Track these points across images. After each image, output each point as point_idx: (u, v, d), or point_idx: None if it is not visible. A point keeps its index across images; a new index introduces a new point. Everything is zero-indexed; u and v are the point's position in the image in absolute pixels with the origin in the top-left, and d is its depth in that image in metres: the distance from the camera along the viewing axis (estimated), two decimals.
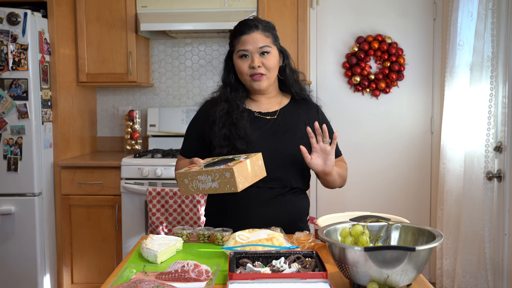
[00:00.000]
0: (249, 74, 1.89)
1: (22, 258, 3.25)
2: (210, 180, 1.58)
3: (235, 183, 1.54)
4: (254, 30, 1.89)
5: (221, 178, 1.56)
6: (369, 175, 3.86)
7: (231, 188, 1.55)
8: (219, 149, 1.88)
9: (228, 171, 1.54)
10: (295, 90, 1.99)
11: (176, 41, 3.97)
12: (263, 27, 1.91)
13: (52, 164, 3.41)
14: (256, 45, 1.88)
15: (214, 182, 1.57)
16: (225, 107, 1.92)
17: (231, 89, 1.95)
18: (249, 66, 1.88)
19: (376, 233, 1.45)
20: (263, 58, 1.88)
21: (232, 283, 1.25)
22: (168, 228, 3.17)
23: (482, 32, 2.75)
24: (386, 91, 3.81)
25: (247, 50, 1.88)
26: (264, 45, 1.88)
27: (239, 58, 1.90)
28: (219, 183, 1.57)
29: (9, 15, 3.13)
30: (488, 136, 2.73)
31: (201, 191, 1.61)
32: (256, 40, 1.88)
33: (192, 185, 1.62)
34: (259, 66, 1.87)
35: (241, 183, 1.55)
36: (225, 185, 1.56)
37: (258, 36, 1.89)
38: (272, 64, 1.90)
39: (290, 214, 1.91)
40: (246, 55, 1.89)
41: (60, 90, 3.44)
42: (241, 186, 1.56)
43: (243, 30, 1.90)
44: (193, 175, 1.61)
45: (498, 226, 2.72)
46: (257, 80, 1.89)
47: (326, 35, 3.85)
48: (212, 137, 1.90)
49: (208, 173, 1.58)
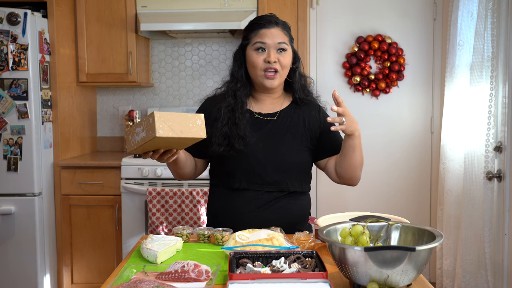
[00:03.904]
0: (263, 69, 1.85)
1: (22, 258, 3.25)
2: (142, 130, 1.55)
3: (155, 127, 1.48)
4: (274, 26, 1.87)
5: (148, 126, 1.52)
6: (369, 175, 3.85)
7: (152, 134, 1.49)
8: (216, 147, 1.86)
9: (151, 116, 1.49)
10: (299, 96, 1.95)
11: (176, 41, 3.97)
12: (282, 25, 1.90)
13: (52, 164, 3.41)
14: (275, 40, 1.85)
15: (144, 132, 1.54)
16: (231, 103, 1.89)
17: (241, 85, 1.91)
18: (264, 60, 1.84)
19: (376, 233, 1.45)
20: (280, 55, 1.85)
21: (232, 283, 1.25)
22: (168, 228, 3.17)
23: (482, 32, 2.75)
24: (386, 91, 3.81)
25: (265, 43, 1.85)
26: (283, 42, 1.86)
27: (255, 51, 1.86)
28: (146, 131, 1.52)
29: (9, 15, 3.13)
30: (488, 136, 2.73)
31: (136, 144, 1.58)
32: (276, 35, 1.86)
33: (132, 140, 1.60)
34: (274, 62, 1.84)
35: (162, 129, 1.49)
36: (149, 132, 1.51)
37: (277, 32, 1.87)
38: (287, 63, 1.87)
39: (289, 216, 1.90)
40: (263, 48, 1.85)
41: (60, 90, 3.44)
42: (161, 132, 1.48)
43: (263, 24, 1.87)
44: (132, 129, 1.60)
45: (498, 226, 2.72)
46: (270, 78, 1.85)
47: (326, 35, 3.85)
48: (213, 134, 1.88)
49: (141, 124, 1.56)
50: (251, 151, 1.86)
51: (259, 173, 1.86)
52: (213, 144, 1.87)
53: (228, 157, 1.87)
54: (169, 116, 1.51)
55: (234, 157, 1.86)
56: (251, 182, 1.87)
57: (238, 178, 1.88)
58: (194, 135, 1.56)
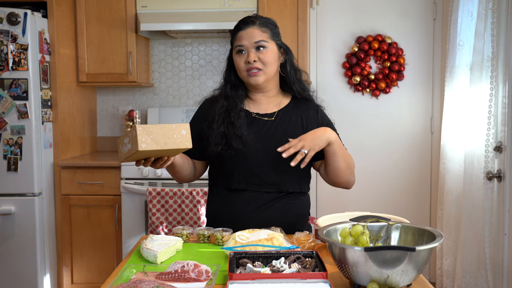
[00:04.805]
0: (246, 70, 1.87)
1: (22, 258, 3.25)
2: (128, 142, 1.55)
3: (137, 141, 1.49)
4: (250, 26, 1.88)
5: (132, 138, 1.52)
6: (369, 175, 3.86)
7: (136, 147, 1.50)
8: (214, 147, 1.87)
9: (135, 129, 1.50)
10: (296, 89, 1.95)
11: (176, 41, 3.97)
12: (261, 22, 1.90)
13: (52, 164, 3.41)
14: (251, 40, 1.86)
15: (129, 144, 1.54)
16: (224, 104, 1.91)
17: (231, 87, 1.94)
18: (245, 62, 1.87)
19: (376, 233, 1.45)
20: (259, 53, 1.86)
21: (232, 283, 1.25)
22: (168, 228, 3.17)
23: (482, 32, 2.75)
24: (386, 91, 3.81)
25: (243, 46, 1.87)
26: (260, 40, 1.86)
27: (236, 54, 1.89)
28: (131, 143, 1.53)
29: (9, 15, 3.13)
30: (488, 136, 2.73)
31: (125, 154, 1.59)
32: (252, 35, 1.87)
33: (122, 150, 1.60)
34: (254, 61, 1.85)
35: (145, 142, 1.49)
36: (133, 145, 1.52)
37: (254, 31, 1.87)
38: (269, 59, 1.87)
39: (289, 217, 1.89)
40: (242, 50, 1.87)
41: (60, 90, 3.44)
42: (144, 146, 1.49)
43: (240, 27, 1.90)
44: (121, 139, 1.60)
45: (498, 226, 2.72)
46: (253, 75, 1.87)
47: (326, 35, 3.85)
48: (210, 134, 1.89)
49: (127, 135, 1.56)
50: (249, 152, 1.86)
51: (257, 174, 1.86)
52: (211, 144, 1.88)
53: (227, 158, 1.87)
54: (152, 129, 1.52)
55: (233, 158, 1.86)
56: (249, 183, 1.87)
57: (236, 178, 1.88)
58: (179, 146, 1.56)
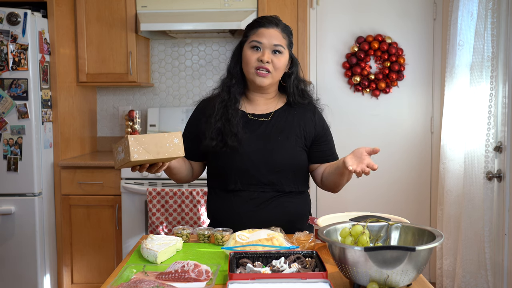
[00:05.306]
0: (255, 67, 1.84)
1: (22, 258, 3.25)
2: (121, 151, 1.57)
3: (129, 151, 1.51)
4: (274, 27, 1.86)
5: (125, 148, 1.54)
6: (369, 175, 3.85)
7: (129, 157, 1.52)
8: (209, 141, 1.86)
9: (127, 139, 1.52)
10: (293, 99, 1.94)
11: (176, 41, 3.97)
12: (283, 27, 1.89)
13: (52, 164, 3.41)
14: (271, 41, 1.84)
15: (123, 152, 1.56)
16: (225, 98, 1.89)
17: (236, 81, 1.91)
18: (257, 59, 1.84)
19: (376, 233, 1.45)
20: (274, 56, 1.84)
21: (232, 283, 1.25)
22: (168, 228, 3.17)
23: (482, 32, 2.75)
24: (386, 91, 3.81)
25: (261, 43, 1.84)
26: (279, 44, 1.85)
27: (250, 49, 1.86)
28: (124, 152, 1.55)
29: (9, 15, 3.13)
30: (488, 136, 2.73)
31: (119, 162, 1.60)
32: (273, 36, 1.85)
33: (117, 157, 1.62)
34: (267, 62, 1.83)
35: (137, 153, 1.51)
36: (126, 154, 1.53)
37: (276, 33, 1.86)
38: (281, 65, 1.86)
39: (287, 215, 1.89)
40: (258, 47, 1.85)
41: (60, 90, 3.44)
42: (136, 156, 1.51)
43: (263, 23, 1.87)
44: (116, 147, 1.61)
45: (498, 226, 2.72)
46: (261, 75, 1.84)
47: (326, 35, 3.85)
48: (207, 129, 1.88)
49: (121, 144, 1.57)
50: (245, 152, 1.85)
51: (253, 174, 1.86)
52: (207, 138, 1.87)
53: (223, 158, 1.87)
54: (144, 139, 1.54)
55: (229, 158, 1.86)
56: (246, 183, 1.87)
57: (233, 179, 1.88)
58: (172, 155, 1.58)
